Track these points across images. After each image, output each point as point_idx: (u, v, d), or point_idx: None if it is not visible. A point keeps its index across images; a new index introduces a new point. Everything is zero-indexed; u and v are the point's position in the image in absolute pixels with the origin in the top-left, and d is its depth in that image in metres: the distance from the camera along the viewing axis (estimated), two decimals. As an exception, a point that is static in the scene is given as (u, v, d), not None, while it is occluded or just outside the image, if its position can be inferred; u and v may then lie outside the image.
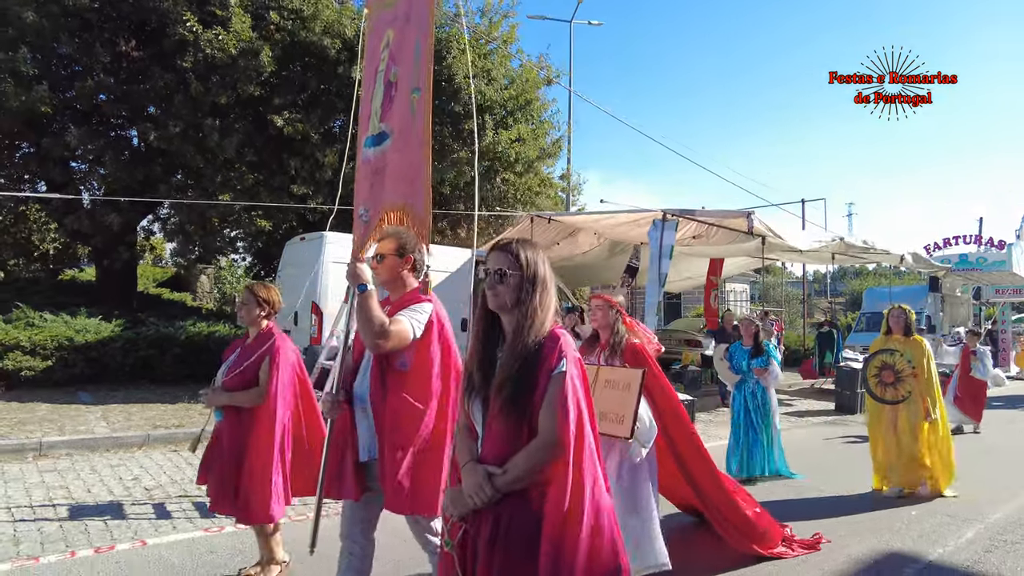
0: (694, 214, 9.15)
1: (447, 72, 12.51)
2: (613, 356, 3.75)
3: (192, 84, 11.01)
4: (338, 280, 9.18)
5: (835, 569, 4.05)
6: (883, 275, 40.65)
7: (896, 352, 5.71)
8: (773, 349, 6.39)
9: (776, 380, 6.29)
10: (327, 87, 12.74)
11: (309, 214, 13.26)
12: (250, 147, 12.49)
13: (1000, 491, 6.07)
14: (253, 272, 18.02)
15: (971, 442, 8.57)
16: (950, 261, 22.45)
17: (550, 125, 15.04)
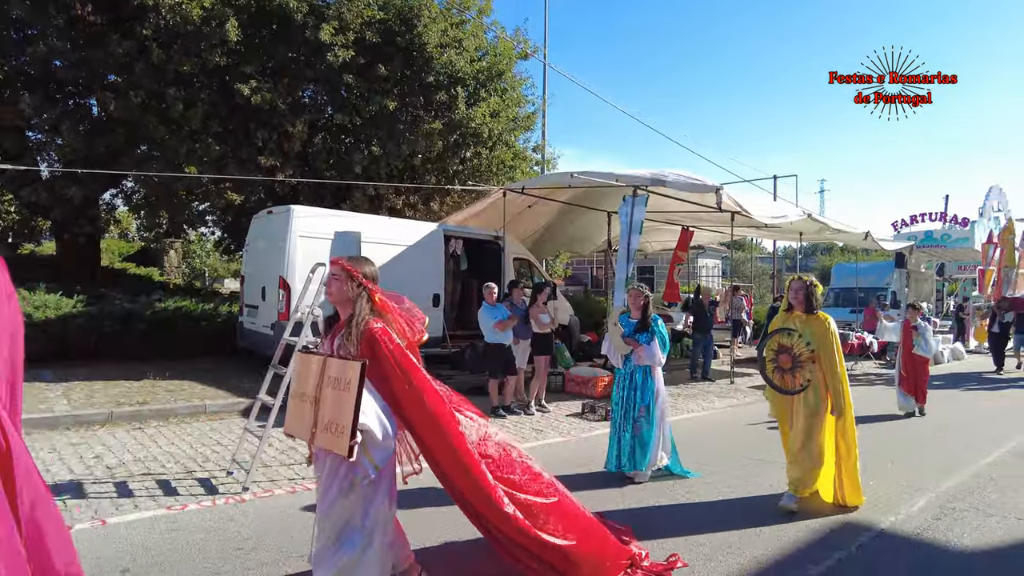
0: (664, 183, 9.14)
1: (418, 41, 12.27)
2: (347, 343, 2.82)
3: (153, 52, 10.64)
4: (306, 254, 9.06)
5: (794, 537, 4.16)
6: (851, 251, 41.40)
7: (795, 332, 4.78)
8: (662, 328, 5.58)
9: (653, 360, 5.46)
10: (295, 55, 12.42)
11: (278, 187, 13.01)
12: (216, 117, 12.16)
13: (952, 462, 6.28)
14: (223, 246, 17.70)
15: (924, 418, 8.82)
16: (916, 238, 22.93)
17: (523, 98, 14.88)
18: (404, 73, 12.67)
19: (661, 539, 4.09)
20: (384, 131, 12.52)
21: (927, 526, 4.46)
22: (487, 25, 14.22)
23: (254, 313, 10.17)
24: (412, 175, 13.45)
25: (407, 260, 10.40)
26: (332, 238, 9.67)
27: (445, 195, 14.60)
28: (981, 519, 4.62)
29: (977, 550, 4.08)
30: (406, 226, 10.90)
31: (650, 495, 5.07)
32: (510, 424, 7.73)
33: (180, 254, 26.21)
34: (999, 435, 7.65)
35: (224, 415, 7.59)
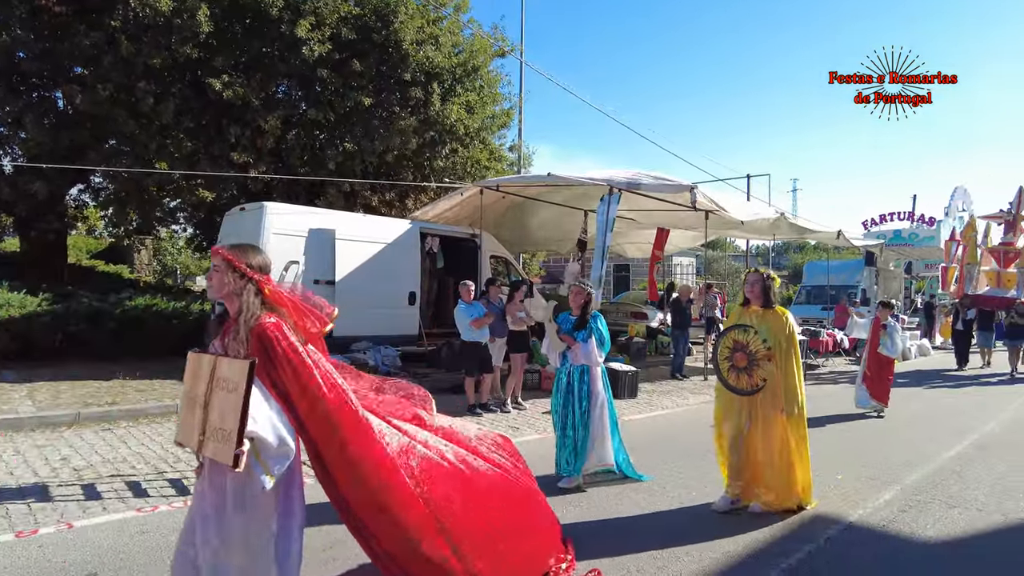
0: (639, 185, 9.21)
1: (394, 38, 12.19)
2: (235, 342, 2.50)
3: (122, 44, 10.43)
4: (280, 252, 8.95)
5: (765, 531, 4.22)
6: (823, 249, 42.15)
7: (750, 329, 4.50)
8: (601, 327, 5.27)
9: (589, 360, 5.18)
10: (269, 49, 12.26)
11: (251, 183, 12.85)
12: (188, 112, 11.97)
13: (917, 455, 6.44)
14: (195, 243, 17.42)
15: (889, 413, 9.02)
16: (885, 236, 23.43)
17: (499, 95, 14.88)
18: (380, 69, 12.59)
19: (639, 537, 4.13)
20: (359, 127, 12.43)
21: (893, 518, 4.56)
22: (464, 22, 14.19)
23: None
24: (388, 172, 13.37)
25: (383, 258, 10.35)
26: (306, 236, 9.62)
27: (421, 193, 14.54)
28: (944, 511, 4.75)
29: (940, 541, 4.19)
30: (381, 223, 10.84)
31: (612, 498, 5.11)
32: (486, 422, 7.73)
33: (151, 251, 25.73)
34: (962, 428, 7.86)
35: (196, 415, 7.46)
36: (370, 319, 10.14)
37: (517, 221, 14.22)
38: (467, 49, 13.88)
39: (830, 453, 6.48)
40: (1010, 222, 16.88)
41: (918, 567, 3.78)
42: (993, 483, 5.52)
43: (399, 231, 10.80)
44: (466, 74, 13.54)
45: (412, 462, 2.81)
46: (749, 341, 4.47)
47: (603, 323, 5.33)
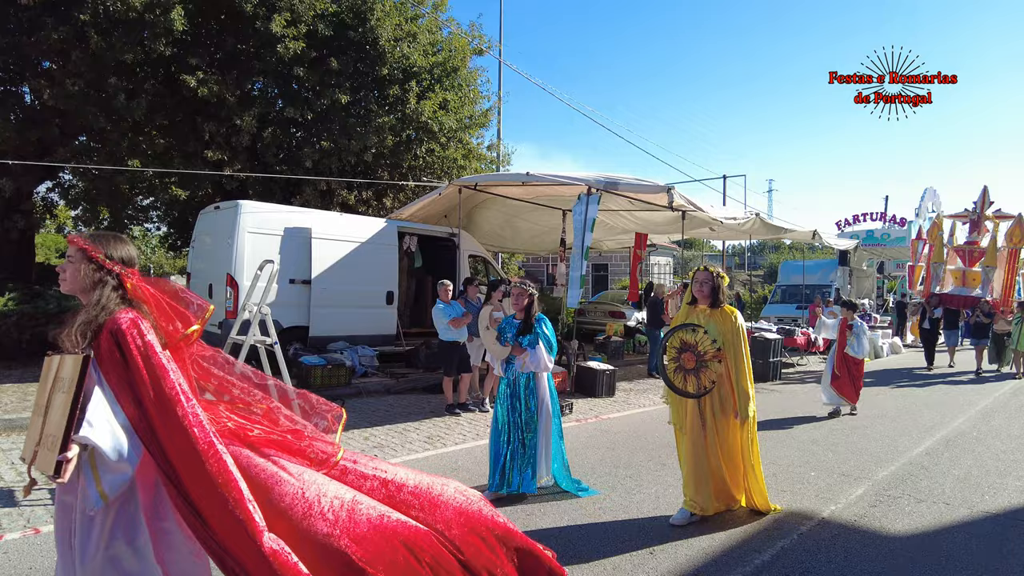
0: (617, 185, 9.27)
1: (370, 35, 12.11)
2: (84, 341, 2.17)
3: (92, 39, 10.21)
4: (255, 251, 8.86)
5: (740, 528, 4.27)
6: (798, 249, 42.77)
7: (699, 328, 4.31)
8: (547, 330, 4.95)
9: (539, 366, 4.87)
10: (244, 46, 12.10)
11: (226, 181, 12.67)
12: (161, 109, 11.76)
13: (887, 451, 6.57)
14: (169, 242, 17.13)
15: (864, 407, 9.17)
16: (859, 236, 23.86)
17: (478, 94, 14.86)
18: (357, 67, 12.49)
19: (613, 538, 4.16)
20: (336, 125, 12.32)
21: (864, 513, 4.65)
22: (442, 20, 14.14)
23: (201, 311, 9.87)
24: (365, 170, 13.27)
25: (360, 257, 10.28)
26: (282, 234, 9.52)
27: (398, 191, 14.46)
28: (913, 505, 4.85)
29: (908, 534, 4.28)
30: (359, 222, 10.76)
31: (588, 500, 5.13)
32: (464, 422, 7.72)
33: (123, 250, 25.26)
34: (930, 425, 8.04)
35: (169, 416, 7.34)
36: (347, 319, 10.07)
37: (496, 222, 14.22)
38: (445, 47, 13.83)
39: (803, 451, 6.59)
40: (975, 221, 17.08)
41: (887, 561, 3.85)
42: (959, 477, 5.65)
43: (376, 230, 10.72)
44: (445, 73, 13.49)
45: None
46: (698, 341, 4.26)
47: (548, 325, 5.00)
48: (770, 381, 11.86)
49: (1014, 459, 6.39)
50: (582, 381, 9.82)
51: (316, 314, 9.77)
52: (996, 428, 8.00)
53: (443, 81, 13.42)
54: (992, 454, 6.57)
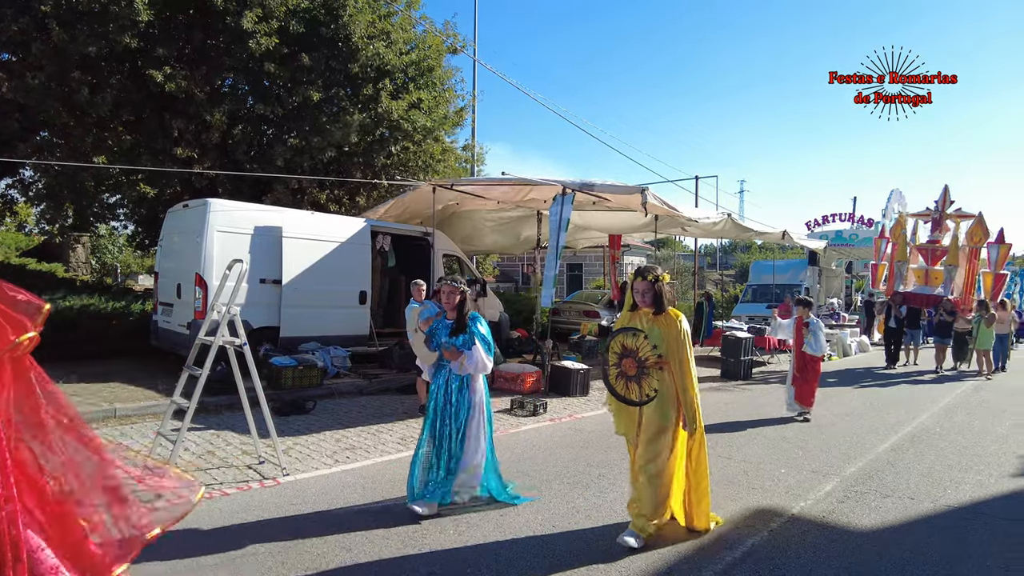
0: (592, 188, 9.31)
1: (343, 32, 11.97)
2: None
3: (54, 31, 9.93)
4: (224, 250, 8.70)
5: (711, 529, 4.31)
6: (768, 249, 43.47)
7: (640, 333, 4.01)
8: (481, 329, 4.61)
9: (476, 368, 4.53)
10: (214, 41, 11.87)
11: (195, 179, 12.43)
12: (127, 105, 11.48)
13: (855, 448, 6.70)
14: (137, 241, 16.74)
15: (831, 405, 9.34)
16: (828, 237, 24.31)
17: (452, 93, 14.80)
18: (329, 64, 12.35)
19: (591, 526, 4.16)
20: (308, 123, 12.16)
21: (832, 509, 4.73)
22: (416, 19, 14.05)
23: (169, 311, 9.69)
24: (337, 169, 13.12)
25: (332, 256, 10.16)
26: (252, 233, 9.37)
27: (371, 190, 14.33)
28: (879, 500, 4.95)
29: (875, 529, 4.36)
30: (331, 221, 10.64)
31: (562, 500, 5.13)
32: (438, 422, 7.67)
33: (88, 249, 24.65)
34: (896, 421, 8.22)
35: (135, 419, 7.19)
36: (319, 319, 9.95)
37: (471, 224, 14.19)
38: (419, 45, 13.74)
39: (774, 448, 6.68)
40: (936, 220, 17.28)
41: (854, 556, 3.92)
42: (923, 472, 5.79)
43: (349, 229, 10.61)
44: (419, 73, 13.41)
45: None
46: (639, 347, 3.98)
47: (484, 324, 4.67)
48: (741, 380, 12.01)
49: (975, 454, 6.57)
50: (556, 380, 9.83)
51: (287, 314, 9.63)
52: (958, 424, 8.21)
53: (417, 80, 13.33)
54: (954, 449, 6.74)
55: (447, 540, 4.01)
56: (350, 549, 3.84)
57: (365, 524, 4.23)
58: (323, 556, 3.74)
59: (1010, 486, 5.48)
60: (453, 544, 3.95)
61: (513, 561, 3.74)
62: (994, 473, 5.85)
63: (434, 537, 4.05)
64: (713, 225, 12.61)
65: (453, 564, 3.69)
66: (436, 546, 3.93)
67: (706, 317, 15.21)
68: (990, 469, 5.99)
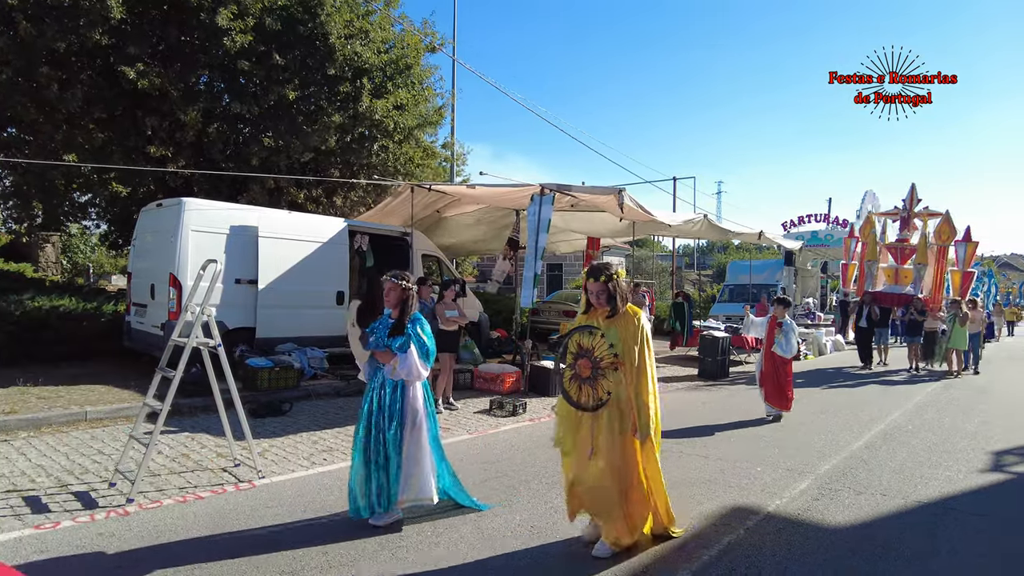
0: (569, 189, 9.33)
1: (320, 31, 11.86)
2: None
3: (21, 24, 9.69)
4: (199, 250, 8.58)
5: (687, 526, 4.33)
6: (745, 249, 43.95)
7: (598, 331, 3.77)
8: (422, 332, 4.27)
9: (410, 374, 4.19)
10: (189, 38, 11.69)
11: (170, 178, 12.22)
12: (99, 102, 11.25)
13: (830, 446, 6.80)
14: (110, 240, 16.41)
15: (806, 403, 9.48)
16: (804, 237, 24.65)
17: (431, 92, 14.73)
18: (306, 62, 12.23)
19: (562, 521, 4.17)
20: (285, 122, 12.03)
21: (807, 506, 4.79)
22: (395, 17, 13.96)
23: (142, 312, 9.53)
24: (315, 168, 12.99)
25: (309, 256, 10.06)
26: (227, 233, 9.24)
27: (349, 189, 14.21)
28: (853, 497, 5.03)
29: (849, 525, 4.43)
30: (308, 221, 10.53)
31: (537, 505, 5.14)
32: (417, 423, 7.63)
33: (58, 249, 24.13)
34: (869, 419, 8.36)
35: (107, 422, 7.04)
36: (296, 320, 9.85)
37: (451, 227, 14.14)
38: (398, 44, 13.66)
39: (750, 446, 6.76)
40: (904, 219, 17.35)
41: (829, 552, 3.97)
42: (895, 469, 5.89)
43: (326, 228, 10.51)
44: (398, 71, 13.33)
45: None
46: (595, 346, 3.75)
47: (425, 327, 4.33)
48: (719, 379, 12.13)
49: (944, 450, 6.71)
50: (536, 380, 9.85)
51: (263, 315, 9.51)
52: (929, 421, 8.38)
53: (395, 79, 13.25)
54: (925, 446, 6.88)
55: (425, 544, 3.98)
56: (326, 553, 3.80)
57: (345, 532, 4.20)
58: (298, 559, 3.69)
59: (978, 481, 5.61)
60: (432, 548, 3.92)
61: (500, 569, 3.74)
62: (963, 469, 5.98)
63: (411, 540, 4.02)
64: (691, 226, 12.71)
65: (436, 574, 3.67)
66: (414, 552, 3.90)
67: (687, 317, 15.27)
68: (959, 465, 6.11)
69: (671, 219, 11.93)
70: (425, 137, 15.11)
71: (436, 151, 16.21)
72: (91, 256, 26.85)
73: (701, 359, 12.73)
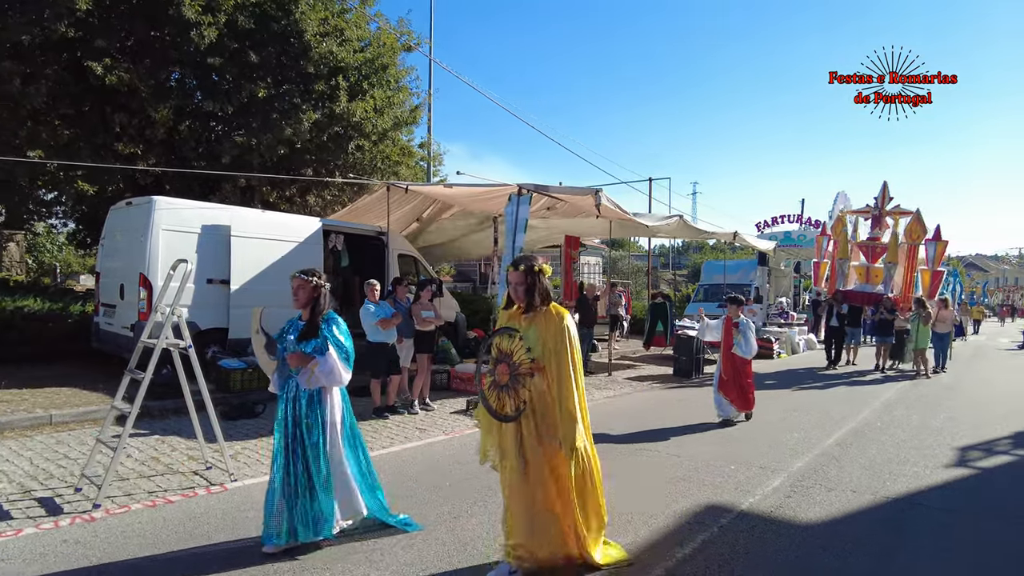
0: (547, 190, 9.35)
1: (294, 28, 11.72)
2: None
3: (-19, 17, 9.42)
4: (170, 249, 8.43)
5: (662, 523, 4.37)
6: (720, 249, 44.47)
7: (516, 333, 3.38)
8: (338, 333, 3.88)
9: (329, 379, 3.79)
10: (159, 33, 11.45)
11: (140, 176, 11.98)
12: (65, 97, 10.98)
13: (802, 443, 6.90)
14: (78, 239, 16.04)
15: (778, 401, 9.61)
16: (777, 238, 25.00)
17: (407, 92, 14.65)
18: (280, 60, 12.06)
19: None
20: (258, 120, 11.86)
21: (780, 504, 4.85)
22: (370, 16, 13.85)
23: (111, 313, 9.33)
24: (288, 167, 12.82)
25: (282, 256, 9.93)
26: (199, 232, 9.09)
27: (323, 188, 14.06)
28: (824, 494, 5.11)
29: (820, 522, 4.50)
30: (281, 220, 10.39)
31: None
32: (392, 424, 7.58)
33: (23, 248, 23.53)
34: (840, 417, 8.51)
35: (74, 426, 6.88)
36: (269, 320, 9.68)
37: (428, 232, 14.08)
38: (374, 43, 13.55)
39: (723, 445, 6.83)
40: (876, 217, 17.33)
41: (800, 549, 4.03)
42: (865, 465, 6.01)
43: (300, 228, 10.38)
44: (374, 71, 13.22)
45: None
46: (514, 349, 3.36)
47: (341, 326, 3.92)
48: (694, 377, 12.25)
49: (912, 446, 6.85)
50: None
51: (236, 315, 9.36)
52: (898, 418, 8.55)
53: (371, 78, 13.15)
54: (894, 443, 7.02)
55: (399, 547, 3.95)
56: (293, 557, 3.75)
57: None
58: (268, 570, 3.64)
59: (944, 476, 5.74)
60: (405, 552, 3.89)
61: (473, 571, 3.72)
62: (930, 465, 6.11)
63: (385, 543, 3.98)
64: (666, 226, 12.82)
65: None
66: (388, 555, 3.86)
67: (669, 317, 15.33)
68: (926, 461, 6.25)
69: (647, 219, 12.02)
70: (401, 137, 15.02)
71: (413, 150, 16.12)
72: (58, 255, 26.25)
73: (676, 358, 12.83)
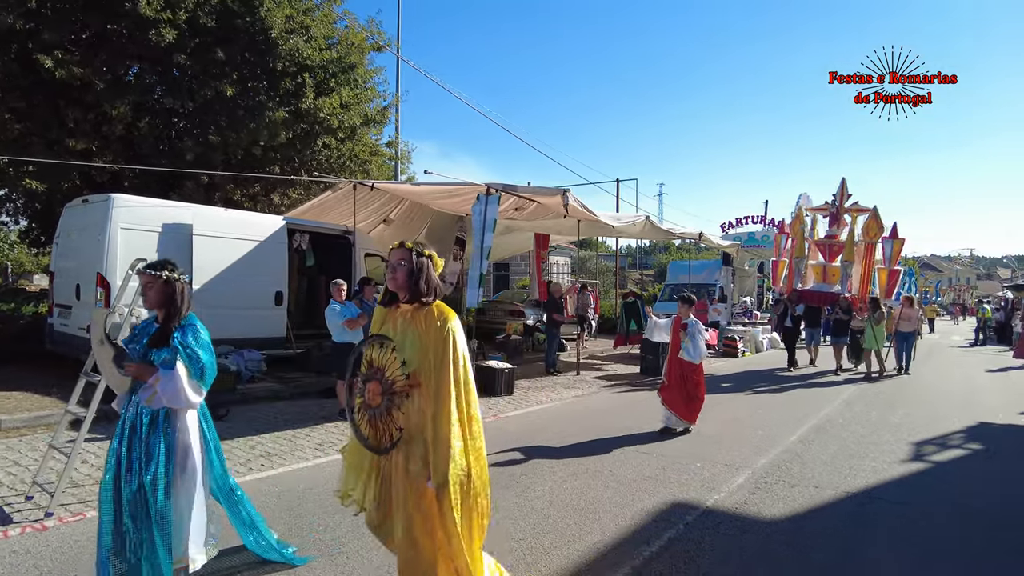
0: (515, 189, 9.35)
1: (260, 24, 11.50)
2: None
3: (-76, 6, 9.02)
4: (128, 248, 8.20)
5: (629, 522, 4.40)
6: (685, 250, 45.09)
7: (389, 343, 2.68)
8: (196, 342, 3.11)
9: (172, 399, 2.96)
10: (115, 26, 11.12)
11: (96, 174, 11.61)
12: (14, 91, 10.58)
13: (765, 441, 7.02)
14: (30, 237, 15.47)
15: (741, 400, 9.77)
16: (742, 238, 25.41)
17: (375, 92, 14.51)
18: (246, 57, 11.82)
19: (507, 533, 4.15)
20: (223, 117, 11.60)
21: (744, 500, 4.92)
22: (337, 14, 13.67)
23: (66, 314, 9.03)
24: (253, 165, 12.57)
25: (246, 255, 9.74)
26: (160, 230, 8.85)
27: (288, 187, 13.83)
28: (787, 490, 5.20)
29: (783, 518, 4.58)
30: (244, 218, 10.19)
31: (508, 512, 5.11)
32: (360, 425, 7.48)
33: (-29, 247, 22.67)
34: (803, 414, 8.69)
35: (25, 431, 6.63)
36: (232, 321, 9.50)
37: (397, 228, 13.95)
38: (342, 41, 13.38)
39: (689, 442, 6.91)
40: (834, 214, 17.04)
41: (765, 544, 4.09)
42: (826, 461, 6.14)
43: (264, 226, 10.19)
44: (341, 70, 13.04)
45: None
46: (386, 363, 2.66)
47: (200, 335, 3.17)
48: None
49: (871, 442, 7.03)
50: (482, 381, 9.80)
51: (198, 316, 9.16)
52: (857, 415, 8.77)
53: (338, 77, 12.98)
54: (854, 438, 7.19)
55: (370, 561, 3.89)
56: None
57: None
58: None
59: (900, 471, 5.90)
60: (372, 554, 3.83)
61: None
62: (888, 459, 6.28)
63: (352, 546, 3.92)
64: (633, 227, 12.93)
65: None
66: (355, 559, 3.80)
67: (642, 315, 15.30)
68: (884, 456, 6.42)
69: (614, 220, 12.11)
70: (370, 136, 14.86)
71: (381, 149, 15.97)
72: (10, 254, 25.34)
73: (643, 356, 12.94)
